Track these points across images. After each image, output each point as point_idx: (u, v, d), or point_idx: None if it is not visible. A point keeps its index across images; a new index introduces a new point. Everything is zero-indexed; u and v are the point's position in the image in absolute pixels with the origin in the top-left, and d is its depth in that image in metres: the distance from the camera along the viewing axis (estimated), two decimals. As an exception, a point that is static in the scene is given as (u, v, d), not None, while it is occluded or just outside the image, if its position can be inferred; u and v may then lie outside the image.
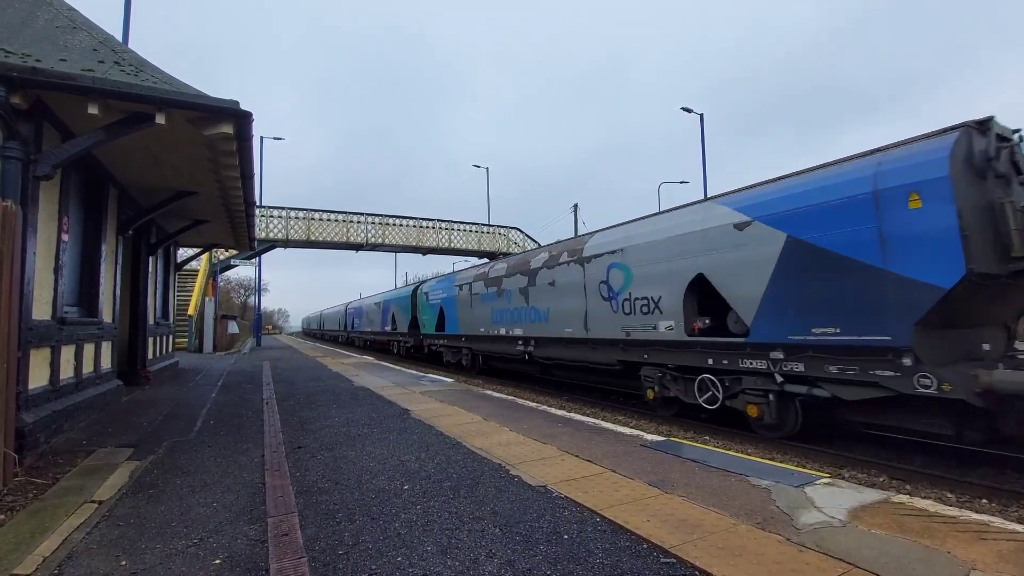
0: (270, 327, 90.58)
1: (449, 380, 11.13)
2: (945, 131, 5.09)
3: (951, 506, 3.59)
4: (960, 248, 4.63)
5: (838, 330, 5.46)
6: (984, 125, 5.02)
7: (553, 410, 7.19)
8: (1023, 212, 4.69)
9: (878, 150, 5.57)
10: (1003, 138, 5.07)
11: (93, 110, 4.70)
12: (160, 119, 4.95)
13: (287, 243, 24.59)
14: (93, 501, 3.65)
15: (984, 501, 4.46)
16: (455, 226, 28.55)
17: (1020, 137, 5.21)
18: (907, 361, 4.98)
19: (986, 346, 5.36)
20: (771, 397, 6.30)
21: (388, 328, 23.99)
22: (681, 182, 28.81)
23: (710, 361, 6.94)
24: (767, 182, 6.73)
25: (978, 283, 4.66)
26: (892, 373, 5.10)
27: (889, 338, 5.06)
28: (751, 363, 6.40)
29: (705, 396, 7.14)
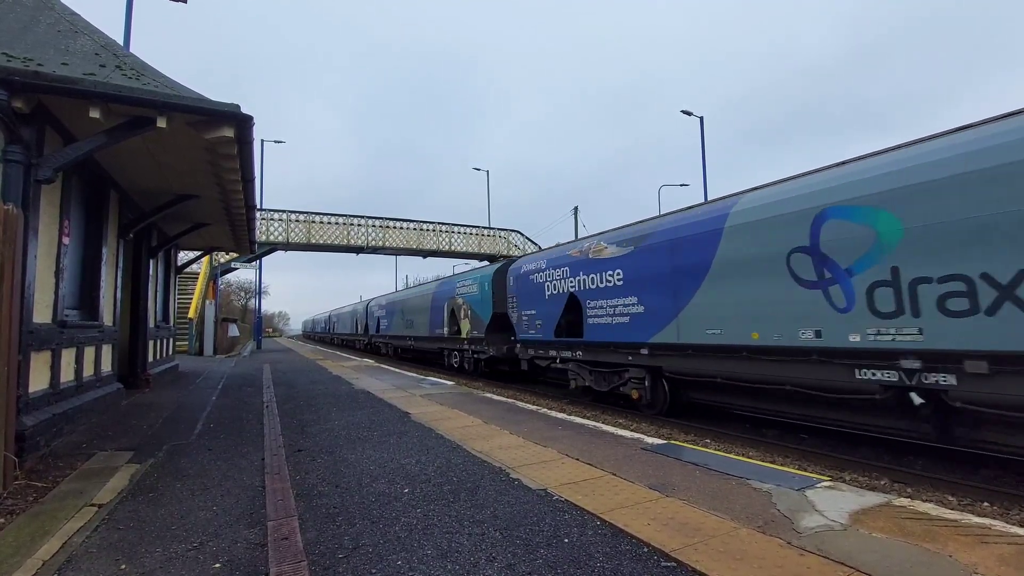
0: (270, 330, 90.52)
1: (449, 383, 11.13)
2: (498, 263, 14.89)
3: (952, 509, 3.59)
4: (491, 304, 13.11)
5: (477, 332, 13.85)
6: (511, 259, 13.11)
7: (553, 413, 7.19)
8: (511, 298, 11.83)
9: (486, 265, 16.60)
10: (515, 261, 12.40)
11: (94, 114, 4.71)
12: (161, 122, 4.96)
13: (287, 246, 24.60)
14: (93, 504, 3.65)
15: (985, 504, 4.45)
16: (455, 229, 28.42)
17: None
18: (485, 343, 13.18)
19: (512, 338, 11.75)
20: (470, 360, 14.48)
21: (353, 330, 33.58)
22: (681, 185, 28.83)
23: (456, 345, 15.49)
24: (466, 271, 17.15)
25: (497, 317, 12.86)
26: (485, 347, 13.27)
27: (482, 335, 13.33)
28: (463, 346, 14.88)
29: (453, 361, 15.83)
